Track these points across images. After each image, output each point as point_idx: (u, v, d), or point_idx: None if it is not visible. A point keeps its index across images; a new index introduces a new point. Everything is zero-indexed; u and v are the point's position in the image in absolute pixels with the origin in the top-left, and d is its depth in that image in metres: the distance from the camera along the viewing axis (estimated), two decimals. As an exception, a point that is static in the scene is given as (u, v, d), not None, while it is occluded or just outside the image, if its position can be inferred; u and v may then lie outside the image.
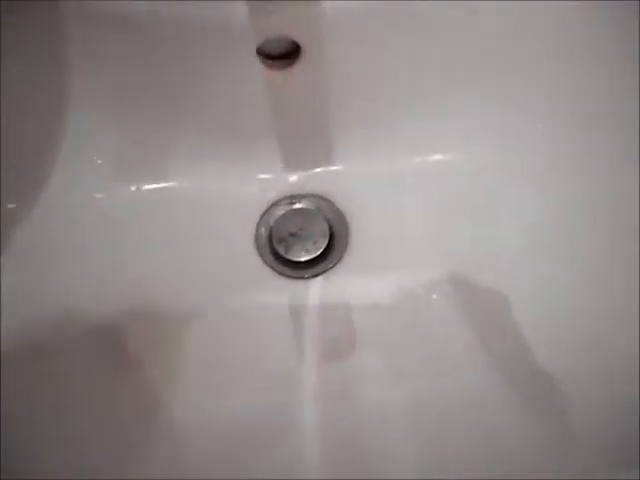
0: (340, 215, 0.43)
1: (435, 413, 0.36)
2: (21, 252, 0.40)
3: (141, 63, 0.38)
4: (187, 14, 0.36)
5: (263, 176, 0.44)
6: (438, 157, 0.44)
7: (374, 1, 0.37)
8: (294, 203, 0.44)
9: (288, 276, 0.42)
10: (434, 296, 0.41)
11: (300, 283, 0.41)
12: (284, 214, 0.43)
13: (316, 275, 0.42)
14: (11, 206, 0.41)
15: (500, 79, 0.41)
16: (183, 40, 0.37)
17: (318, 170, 0.44)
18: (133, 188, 0.43)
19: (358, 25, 0.38)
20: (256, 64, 0.39)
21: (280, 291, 0.41)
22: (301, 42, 0.38)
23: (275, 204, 0.44)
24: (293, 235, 0.43)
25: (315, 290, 0.41)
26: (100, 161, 0.41)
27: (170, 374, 0.38)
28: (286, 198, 0.44)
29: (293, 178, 0.44)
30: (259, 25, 0.37)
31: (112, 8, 0.36)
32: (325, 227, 0.43)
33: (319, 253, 0.42)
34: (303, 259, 0.42)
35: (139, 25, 0.36)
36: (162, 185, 0.43)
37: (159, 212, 0.43)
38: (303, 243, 0.42)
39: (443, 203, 0.43)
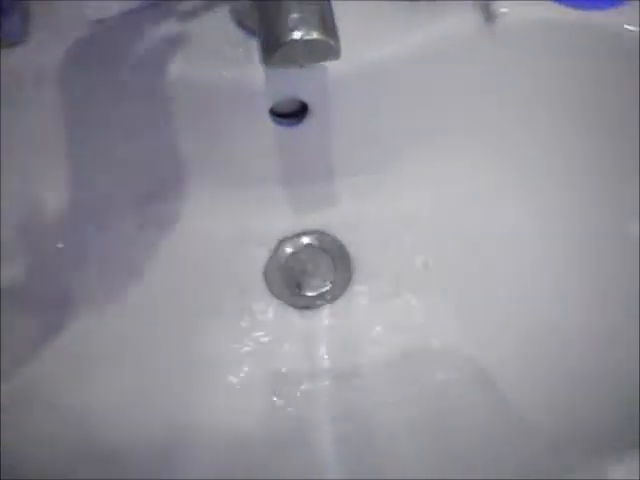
0: (343, 250, 0.49)
1: (434, 429, 0.42)
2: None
3: (175, 122, 0.43)
4: (213, 78, 0.41)
5: (271, 218, 0.49)
6: (429, 196, 0.49)
7: (371, 64, 0.43)
8: (301, 240, 0.49)
9: (298, 307, 0.47)
10: (430, 320, 0.46)
11: (309, 312, 0.47)
12: (293, 251, 0.49)
13: (323, 305, 0.47)
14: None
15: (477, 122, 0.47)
16: (209, 101, 0.42)
17: (322, 211, 0.49)
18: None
19: (357, 85, 0.44)
20: (269, 122, 0.44)
21: (291, 320, 0.47)
22: (308, 102, 0.44)
23: (283, 241, 0.49)
24: (301, 269, 0.48)
25: (323, 318, 0.47)
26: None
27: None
28: (294, 236, 0.49)
29: (299, 219, 0.49)
30: (272, 88, 0.42)
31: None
32: (330, 261, 0.48)
33: (326, 285, 0.47)
34: (310, 292, 0.47)
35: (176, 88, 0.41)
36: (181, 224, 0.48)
37: (178, 247, 0.47)
38: (310, 276, 0.48)
39: (435, 236, 0.49)
